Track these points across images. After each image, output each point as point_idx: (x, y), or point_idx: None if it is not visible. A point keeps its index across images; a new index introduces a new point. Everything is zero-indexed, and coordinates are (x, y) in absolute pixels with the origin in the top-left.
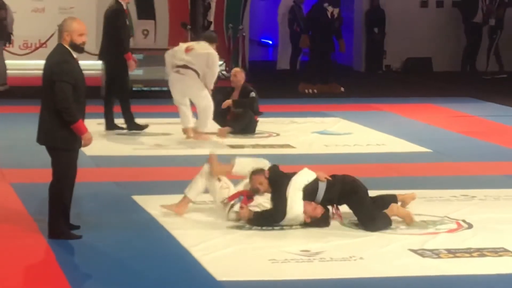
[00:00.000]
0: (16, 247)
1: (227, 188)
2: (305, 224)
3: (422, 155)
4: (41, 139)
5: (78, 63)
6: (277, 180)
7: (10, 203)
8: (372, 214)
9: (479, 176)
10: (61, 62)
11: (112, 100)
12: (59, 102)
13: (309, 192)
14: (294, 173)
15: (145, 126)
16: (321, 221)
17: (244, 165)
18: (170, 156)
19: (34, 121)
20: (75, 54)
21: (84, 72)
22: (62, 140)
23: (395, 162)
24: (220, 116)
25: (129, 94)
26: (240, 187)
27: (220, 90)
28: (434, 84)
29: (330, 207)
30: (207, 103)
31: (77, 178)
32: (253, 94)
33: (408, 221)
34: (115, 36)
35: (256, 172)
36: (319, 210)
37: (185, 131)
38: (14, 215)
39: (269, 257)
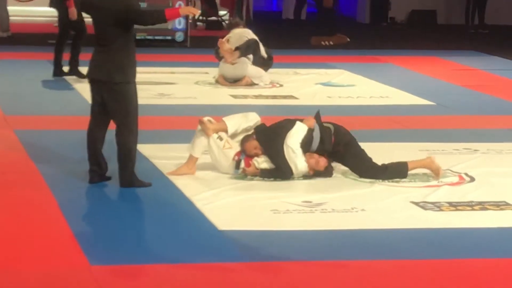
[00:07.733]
0: (19, 196)
1: (229, 147)
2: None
3: (425, 108)
4: None
5: None
6: (267, 140)
7: (14, 150)
8: (375, 164)
9: (482, 129)
10: None
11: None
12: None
13: (304, 144)
14: (280, 125)
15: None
16: (323, 173)
17: (236, 125)
18: (173, 105)
19: (36, 67)
20: None
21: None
22: None
23: (398, 114)
24: None
25: (63, 39)
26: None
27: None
28: (438, 37)
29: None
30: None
31: (80, 126)
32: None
33: (438, 174)
34: None
35: (245, 140)
36: (322, 163)
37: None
38: (17, 163)
39: (271, 208)
